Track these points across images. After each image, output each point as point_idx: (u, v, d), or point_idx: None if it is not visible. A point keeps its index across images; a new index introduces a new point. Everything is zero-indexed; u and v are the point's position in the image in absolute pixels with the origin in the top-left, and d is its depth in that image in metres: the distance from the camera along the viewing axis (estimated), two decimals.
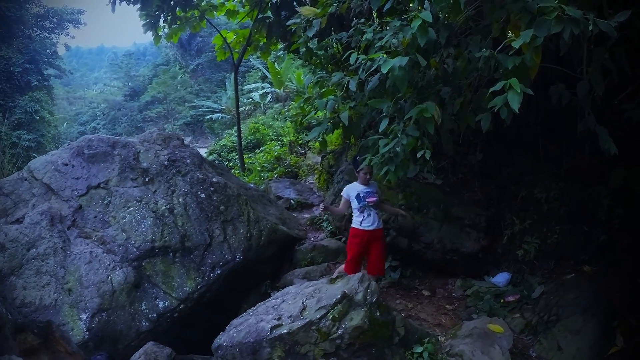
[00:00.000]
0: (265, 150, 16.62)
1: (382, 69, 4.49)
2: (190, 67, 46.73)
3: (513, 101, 3.46)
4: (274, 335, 5.17)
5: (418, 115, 4.44)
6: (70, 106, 53.55)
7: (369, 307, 5.22)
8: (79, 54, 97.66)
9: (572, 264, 7.34)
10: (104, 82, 63.62)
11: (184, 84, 44.71)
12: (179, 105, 43.11)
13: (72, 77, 54.94)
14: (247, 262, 7.76)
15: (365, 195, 6.93)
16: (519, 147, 7.95)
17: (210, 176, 8.24)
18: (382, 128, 4.92)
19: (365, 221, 6.93)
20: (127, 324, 7.01)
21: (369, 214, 6.93)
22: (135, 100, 49.11)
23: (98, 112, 49.97)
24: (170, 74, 46.24)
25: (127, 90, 51.88)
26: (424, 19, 4.23)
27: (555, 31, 3.34)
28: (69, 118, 49.38)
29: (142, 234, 7.46)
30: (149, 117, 45.11)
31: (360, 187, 6.99)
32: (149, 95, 46.41)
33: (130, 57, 57.12)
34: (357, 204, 6.96)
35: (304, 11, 6.57)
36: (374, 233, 6.98)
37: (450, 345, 5.94)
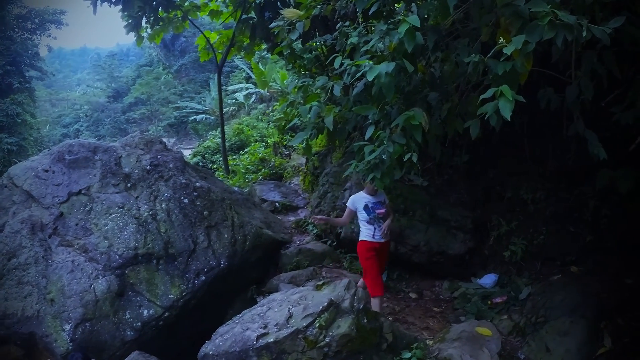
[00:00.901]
0: (250, 151, 16.54)
1: (367, 76, 4.41)
2: (174, 67, 46.49)
3: (505, 109, 3.41)
4: (261, 345, 5.09)
5: (405, 122, 4.38)
6: (53, 108, 53.13)
7: (356, 314, 5.16)
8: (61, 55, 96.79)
9: (558, 264, 7.35)
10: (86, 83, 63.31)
11: (167, 85, 44.49)
12: (162, 106, 42.91)
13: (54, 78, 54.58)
14: (232, 268, 7.66)
15: (373, 206, 6.66)
16: (505, 149, 7.92)
17: (193, 181, 8.14)
18: (369, 135, 4.85)
19: (377, 233, 6.64)
20: (112, 334, 6.88)
21: (379, 225, 6.65)
22: (118, 102, 48.88)
23: (81, 114, 49.65)
24: (153, 74, 46.04)
25: (110, 91, 51.61)
26: (412, 23, 4.17)
27: (548, 37, 3.28)
28: (52, 120, 49.03)
29: (125, 242, 7.32)
30: (132, 118, 44.93)
31: (368, 197, 6.69)
32: (133, 96, 46.20)
33: (113, 58, 56.82)
34: (366, 216, 6.67)
35: (287, 13, 6.48)
36: (384, 245, 6.79)
37: (438, 349, 5.90)
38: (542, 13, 3.26)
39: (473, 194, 8.21)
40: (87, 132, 45.86)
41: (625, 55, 4.86)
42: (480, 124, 4.16)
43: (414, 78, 5.02)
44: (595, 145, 4.60)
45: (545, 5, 3.29)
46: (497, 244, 7.81)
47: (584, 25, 3.23)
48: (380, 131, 4.69)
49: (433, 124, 4.80)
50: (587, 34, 3.25)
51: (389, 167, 4.59)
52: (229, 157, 16.83)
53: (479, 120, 3.88)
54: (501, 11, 3.73)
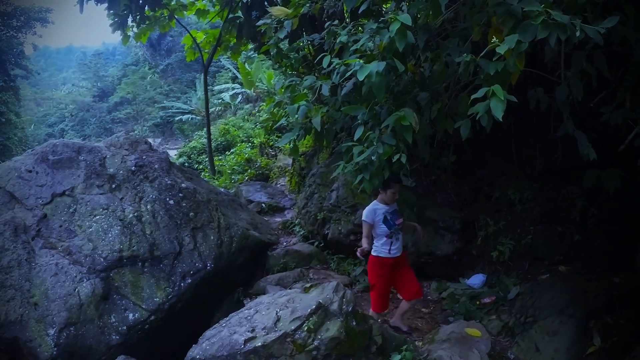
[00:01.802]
0: (236, 152, 16.50)
1: (358, 75, 4.34)
2: (160, 67, 46.35)
3: (496, 109, 3.35)
4: (248, 349, 5.01)
5: (395, 123, 4.32)
6: (38, 107, 52.76)
7: (345, 317, 5.10)
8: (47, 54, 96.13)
9: (546, 264, 7.33)
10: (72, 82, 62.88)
11: (153, 85, 44.33)
12: (148, 106, 42.76)
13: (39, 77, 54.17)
14: (218, 270, 7.59)
15: (392, 217, 6.16)
16: (492, 149, 7.90)
17: (179, 182, 8.05)
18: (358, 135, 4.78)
19: (394, 247, 6.16)
20: (97, 338, 6.79)
21: (397, 238, 6.20)
22: (104, 101, 48.66)
23: (66, 113, 49.34)
24: (139, 74, 45.84)
25: (96, 90, 51.36)
26: (403, 22, 4.12)
27: (541, 37, 3.24)
28: (37, 120, 48.70)
29: (109, 244, 7.24)
30: (118, 118, 44.74)
31: (384, 207, 6.14)
32: (118, 96, 46.01)
33: (99, 57, 56.67)
34: (386, 230, 6.10)
35: (275, 11, 6.40)
36: (400, 258, 6.33)
37: (428, 351, 5.87)
38: (535, 12, 3.21)
39: (461, 194, 8.17)
40: (72, 131, 45.58)
41: (614, 55, 4.84)
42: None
43: (403, 78, 4.98)
44: (585, 145, 4.58)
45: (538, 4, 3.24)
46: (485, 244, 7.78)
47: (577, 25, 3.18)
48: (369, 132, 4.64)
49: (423, 124, 4.75)
50: (581, 33, 3.20)
51: (377, 169, 4.54)
52: (215, 158, 16.78)
53: (469, 120, 3.83)
54: (493, 10, 3.69)
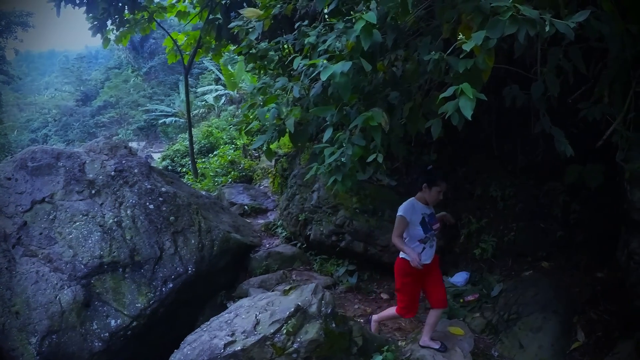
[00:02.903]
0: (219, 154, 16.43)
1: (321, 76, 4.30)
2: (143, 69, 46.07)
3: (465, 108, 3.31)
4: (228, 353, 4.97)
5: (364, 123, 4.29)
6: (21, 113, 52.21)
7: (324, 319, 5.08)
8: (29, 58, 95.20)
9: (529, 260, 7.36)
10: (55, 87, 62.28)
11: (136, 88, 44.07)
12: (132, 109, 42.52)
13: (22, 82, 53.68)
14: (200, 274, 7.54)
15: (430, 220, 5.56)
16: (473, 147, 7.92)
17: (158, 186, 7.99)
18: (327, 137, 4.75)
19: (425, 254, 5.51)
20: (79, 345, 6.74)
21: (431, 244, 5.58)
22: (87, 105, 48.31)
23: (49, 118, 48.88)
24: (122, 77, 45.61)
25: (79, 95, 50.97)
26: (368, 20, 4.08)
27: (509, 32, 3.20)
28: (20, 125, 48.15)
29: (90, 250, 7.17)
30: (101, 122, 44.43)
31: (423, 207, 5.56)
32: (101, 99, 45.71)
33: (82, 61, 56.25)
34: (422, 233, 5.48)
35: (247, 13, 6.36)
36: (430, 265, 5.67)
37: (411, 350, 5.86)
38: (503, 8, 3.18)
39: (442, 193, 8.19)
40: (56, 136, 45.22)
41: (592, 51, 4.85)
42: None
43: (374, 78, 4.96)
44: (562, 142, 4.57)
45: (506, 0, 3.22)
46: (468, 241, 7.79)
47: (547, 20, 3.16)
48: (339, 133, 4.61)
49: (395, 124, 4.73)
50: (551, 28, 3.18)
51: (351, 170, 4.51)
52: (198, 160, 16.72)
53: (440, 119, 3.80)
54: (462, 7, 3.66)
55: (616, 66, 4.56)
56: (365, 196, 8.02)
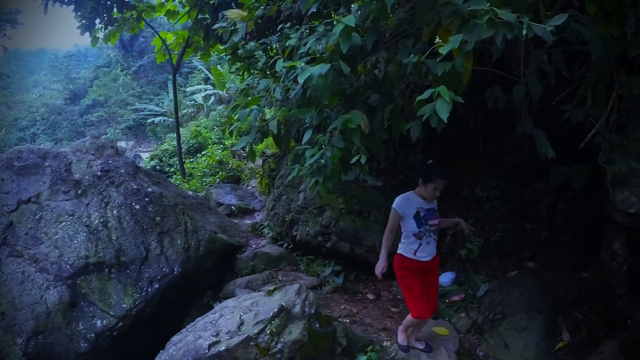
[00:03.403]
0: (207, 154, 16.38)
1: (299, 78, 4.31)
2: (133, 68, 45.82)
3: (442, 110, 3.33)
4: (212, 353, 4.99)
5: (343, 125, 4.32)
6: (9, 111, 51.80)
7: (308, 320, 5.11)
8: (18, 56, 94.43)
9: (515, 261, 7.39)
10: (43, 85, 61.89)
11: (125, 87, 43.84)
12: (120, 108, 42.27)
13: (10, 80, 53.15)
14: (186, 274, 7.52)
15: (426, 215, 5.39)
16: (460, 148, 7.96)
17: (145, 186, 7.97)
18: (306, 139, 4.77)
19: (421, 250, 5.37)
20: (65, 346, 6.70)
21: (428, 241, 5.40)
22: (76, 104, 47.96)
23: (37, 117, 48.50)
24: (111, 76, 45.37)
25: (67, 93, 50.63)
26: (347, 23, 4.10)
27: (486, 35, 3.22)
28: (8, 123, 47.86)
29: (76, 250, 7.14)
30: (90, 121, 44.13)
31: (420, 201, 5.41)
32: (90, 98, 45.42)
33: (71, 59, 55.88)
34: (415, 227, 5.35)
35: (231, 14, 6.35)
36: (430, 264, 5.52)
37: (396, 351, 5.88)
38: (481, 12, 3.21)
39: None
40: (44, 135, 44.90)
41: (576, 54, 4.89)
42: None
43: (354, 80, 4.98)
44: (544, 144, 4.61)
45: (484, 3, 3.24)
46: (454, 242, 7.83)
47: (524, 23, 3.18)
48: (319, 135, 4.63)
49: (376, 126, 4.75)
50: (530, 32, 3.21)
51: (333, 171, 4.53)
52: (186, 160, 16.69)
53: (420, 121, 3.82)
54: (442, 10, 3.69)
55: (599, 69, 4.60)
56: (351, 197, 8.05)
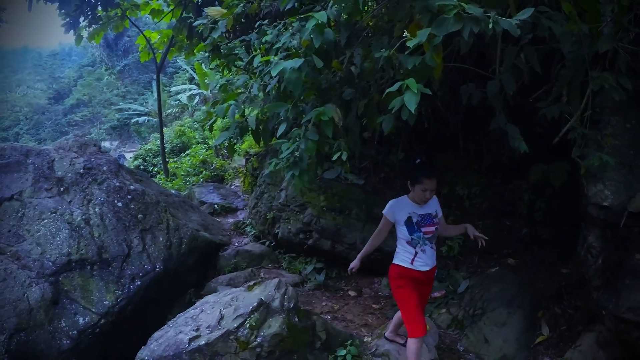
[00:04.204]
0: (191, 154, 16.38)
1: (272, 72, 4.37)
2: (117, 68, 45.53)
3: (410, 102, 3.38)
4: (193, 347, 5.03)
5: (316, 118, 4.38)
6: None
7: (287, 314, 5.16)
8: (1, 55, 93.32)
9: (495, 257, 7.47)
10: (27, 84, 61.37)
11: (110, 86, 43.59)
12: (105, 108, 42.02)
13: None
14: (168, 272, 7.56)
15: (420, 220, 4.99)
16: (440, 146, 8.03)
17: (127, 184, 7.98)
18: (281, 132, 4.84)
19: (418, 259, 4.99)
20: (48, 343, 6.71)
21: (422, 249, 5.00)
22: (60, 104, 47.59)
23: (21, 116, 48.02)
24: (95, 75, 45.13)
25: (51, 92, 50.22)
26: (319, 19, 4.17)
27: (453, 29, 3.30)
28: None
29: (58, 247, 7.14)
30: (74, 121, 43.79)
31: (413, 205, 5.04)
32: (74, 98, 45.11)
33: (55, 58, 55.51)
34: (407, 234, 5.00)
35: (211, 12, 6.39)
36: (428, 274, 5.15)
37: (376, 346, 5.94)
38: (449, 7, 3.28)
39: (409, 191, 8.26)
40: (27, 135, 44.46)
41: (553, 51, 4.98)
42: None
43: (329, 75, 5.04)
44: (516, 138, 4.69)
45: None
46: None
47: (491, 18, 3.25)
48: (295, 128, 4.69)
49: (351, 120, 4.81)
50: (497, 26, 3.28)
51: (310, 165, 4.58)
52: (170, 160, 16.66)
53: (392, 115, 3.88)
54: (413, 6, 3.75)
55: (573, 66, 4.69)
56: (332, 195, 8.08)
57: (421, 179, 4.89)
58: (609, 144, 4.89)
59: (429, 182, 4.89)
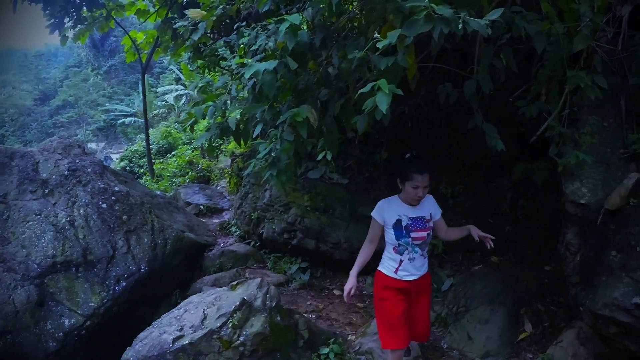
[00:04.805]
0: (177, 154, 16.37)
1: (245, 74, 4.43)
2: (103, 68, 45.39)
3: (381, 102, 3.42)
4: (177, 347, 5.05)
5: (291, 119, 4.43)
6: None
7: (269, 312, 5.19)
8: None
9: (479, 255, 7.49)
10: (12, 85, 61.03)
11: (96, 87, 43.45)
12: (91, 109, 41.89)
13: None
14: (153, 273, 7.56)
15: (411, 224, 4.53)
16: (424, 145, 8.07)
17: (112, 185, 7.98)
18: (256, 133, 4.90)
19: (403, 268, 4.56)
20: (34, 346, 6.67)
21: (411, 257, 4.55)
22: (45, 105, 47.41)
23: (6, 117, 47.80)
24: (81, 76, 44.95)
25: (37, 93, 50.00)
26: (292, 21, 4.23)
27: (423, 30, 3.35)
28: None
29: (43, 250, 7.12)
30: (60, 122, 43.64)
31: (404, 207, 4.60)
32: (60, 99, 44.94)
33: (41, 59, 55.19)
34: (394, 238, 4.55)
35: (191, 14, 6.42)
36: (416, 285, 4.67)
37: (360, 344, 6.00)
38: (420, 8, 3.34)
39: (393, 191, 8.22)
40: (13, 137, 44.28)
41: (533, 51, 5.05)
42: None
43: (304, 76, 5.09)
44: (493, 137, 4.76)
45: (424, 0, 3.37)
46: None
47: (461, 18, 3.31)
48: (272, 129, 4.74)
49: (327, 120, 4.87)
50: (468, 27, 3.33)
51: (288, 165, 4.63)
52: (156, 161, 16.63)
53: (366, 115, 3.92)
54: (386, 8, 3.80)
55: (552, 65, 4.76)
56: (316, 194, 8.12)
57: (412, 174, 4.42)
58: (587, 142, 4.96)
59: (420, 179, 4.41)
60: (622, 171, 4.84)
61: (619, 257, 4.38)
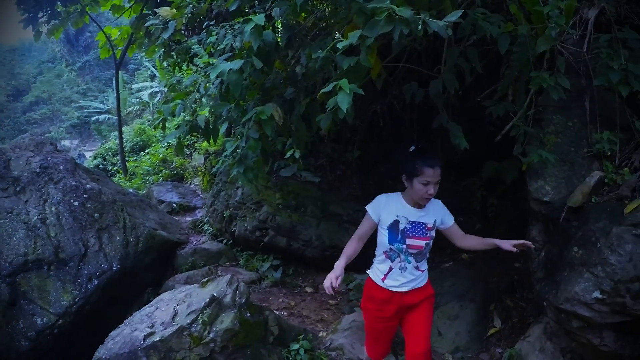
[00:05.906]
0: (151, 152, 16.26)
1: (211, 74, 4.50)
2: (78, 64, 44.87)
3: (342, 102, 3.48)
4: (148, 344, 5.06)
5: (256, 117, 4.49)
6: None
7: (239, 309, 5.23)
8: None
9: (449, 252, 7.61)
10: None
11: (70, 83, 42.95)
12: (65, 106, 41.37)
13: None
14: (125, 271, 7.54)
15: (409, 229, 4.02)
16: (396, 143, 8.15)
17: (84, 182, 7.94)
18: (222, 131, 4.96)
19: (391, 277, 4.13)
20: (6, 345, 6.63)
21: (402, 266, 4.08)
22: (18, 101, 46.70)
23: None
24: (55, 72, 44.39)
25: (10, 89, 49.17)
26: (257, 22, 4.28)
27: (384, 31, 3.42)
28: None
29: (14, 248, 7.06)
30: (33, 119, 43.02)
31: (406, 208, 4.07)
32: (33, 95, 44.31)
33: (14, 53, 54.32)
34: (386, 242, 4.06)
35: (162, 12, 6.43)
36: (407, 297, 4.17)
37: (331, 340, 6.06)
38: (381, 9, 3.40)
39: (365, 189, 8.38)
40: None
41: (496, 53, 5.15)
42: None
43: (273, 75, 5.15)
44: (457, 135, 4.88)
45: (385, 1, 3.43)
46: None
47: (420, 20, 3.38)
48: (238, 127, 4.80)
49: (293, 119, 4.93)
50: (429, 28, 3.40)
51: (256, 162, 4.69)
52: (130, 159, 16.51)
53: (330, 114, 3.96)
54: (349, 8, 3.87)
55: (518, 66, 4.87)
56: (288, 192, 8.15)
57: (421, 169, 3.85)
58: (551, 142, 5.07)
59: (432, 173, 3.86)
60: (585, 170, 4.96)
61: (580, 253, 4.49)
